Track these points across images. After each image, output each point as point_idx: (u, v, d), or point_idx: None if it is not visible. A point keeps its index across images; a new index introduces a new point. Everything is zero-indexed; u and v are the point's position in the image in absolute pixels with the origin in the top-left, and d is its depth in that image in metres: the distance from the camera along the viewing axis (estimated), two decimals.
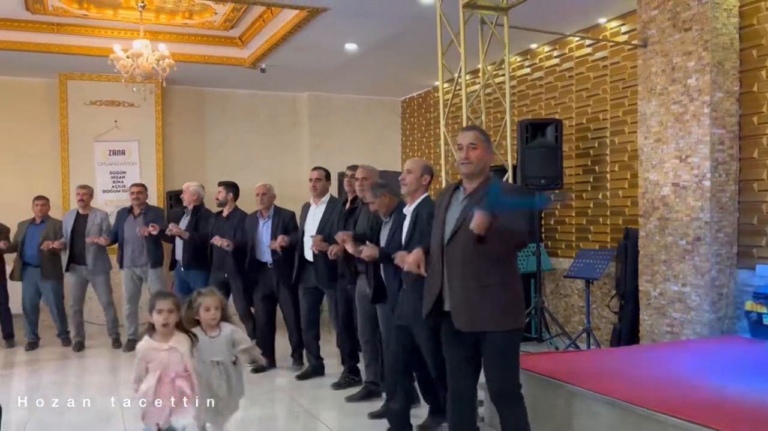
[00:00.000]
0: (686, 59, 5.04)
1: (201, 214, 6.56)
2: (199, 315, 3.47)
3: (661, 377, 3.65)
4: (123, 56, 6.29)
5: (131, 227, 6.89)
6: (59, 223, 7.20)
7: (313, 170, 5.74)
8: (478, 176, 3.18)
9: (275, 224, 5.89)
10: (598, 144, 6.49)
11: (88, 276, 7.06)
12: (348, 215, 5.17)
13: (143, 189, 7.08)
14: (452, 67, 5.10)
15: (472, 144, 3.16)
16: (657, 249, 5.26)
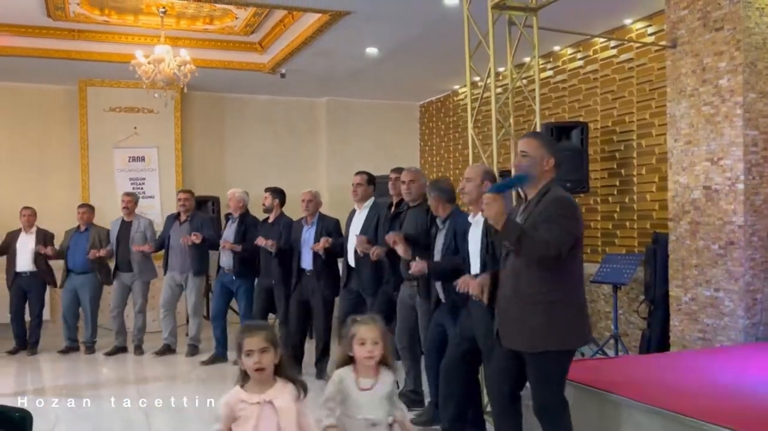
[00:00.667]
0: (717, 60, 4.93)
1: (248, 222, 6.53)
2: (353, 350, 2.71)
3: (702, 385, 3.55)
4: (144, 62, 6.28)
5: (177, 233, 6.85)
6: (104, 231, 7.23)
7: (355, 174, 5.67)
8: (536, 184, 3.08)
9: (318, 230, 5.83)
10: (625, 147, 6.39)
11: (129, 282, 7.07)
12: (393, 218, 5.09)
13: (190, 196, 7.01)
14: (475, 69, 5.02)
15: (523, 152, 3.10)
16: (688, 254, 5.15)
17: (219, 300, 6.65)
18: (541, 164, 3.07)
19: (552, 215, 2.95)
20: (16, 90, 8.55)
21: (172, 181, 8.77)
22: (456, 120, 9.25)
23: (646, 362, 4.69)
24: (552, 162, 3.09)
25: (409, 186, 4.79)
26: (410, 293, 4.71)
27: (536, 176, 3.05)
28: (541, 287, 2.96)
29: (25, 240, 7.22)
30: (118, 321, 7.10)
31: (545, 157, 3.09)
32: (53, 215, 7.64)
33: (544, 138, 3.22)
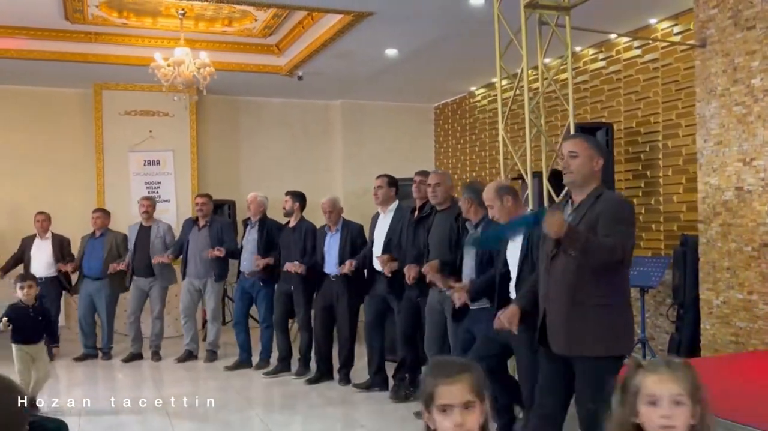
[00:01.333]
0: (749, 59, 4.85)
1: (269, 226, 6.45)
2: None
3: (740, 389, 3.47)
4: (164, 64, 6.23)
5: (195, 238, 6.78)
6: (121, 235, 7.17)
7: (377, 178, 5.57)
8: (584, 186, 2.98)
9: (344, 237, 5.75)
10: (650, 148, 6.32)
11: (146, 287, 6.99)
12: (417, 223, 4.98)
13: (208, 200, 6.91)
14: (505, 69, 4.95)
15: (572, 153, 2.98)
16: (719, 256, 5.06)
17: (240, 305, 6.58)
18: (590, 164, 2.97)
19: (613, 219, 2.84)
20: (32, 93, 8.50)
21: (188, 185, 8.72)
22: (472, 122, 9.18)
23: None
24: (601, 163, 2.99)
25: (435, 189, 4.70)
26: (439, 299, 4.60)
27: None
28: (596, 292, 2.85)
29: (40, 246, 7.18)
30: (135, 327, 7.03)
31: (594, 157, 2.98)
32: (68, 219, 7.59)
33: (591, 139, 3.13)
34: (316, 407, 5.26)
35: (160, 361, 6.87)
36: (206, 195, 7.03)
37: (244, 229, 6.74)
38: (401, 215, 5.28)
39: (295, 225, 6.20)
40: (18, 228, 7.93)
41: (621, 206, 2.94)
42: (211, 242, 6.69)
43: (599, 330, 2.86)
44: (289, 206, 6.21)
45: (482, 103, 8.93)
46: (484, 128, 8.91)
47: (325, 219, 5.88)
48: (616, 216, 2.86)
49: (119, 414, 5.00)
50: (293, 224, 6.21)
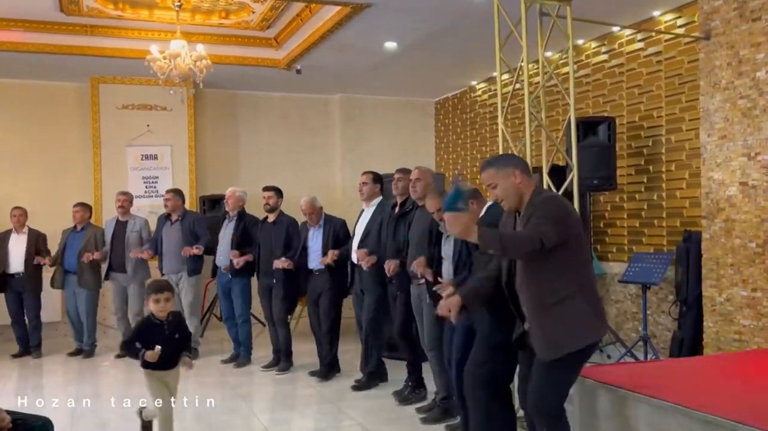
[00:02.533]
0: (755, 51, 4.75)
1: (247, 220, 6.43)
2: None
3: (745, 388, 3.39)
4: (160, 57, 6.14)
5: (168, 233, 6.75)
6: (100, 230, 7.13)
7: (362, 174, 5.68)
8: (522, 203, 3.00)
9: (326, 232, 5.79)
10: (653, 143, 6.22)
11: (125, 283, 6.95)
12: (398, 218, 5.02)
13: (172, 196, 6.85)
14: (505, 61, 4.86)
15: (490, 185, 3.03)
16: (723, 252, 4.97)
17: (225, 301, 6.54)
18: (511, 182, 2.98)
19: (533, 213, 2.89)
20: (27, 87, 8.41)
21: (186, 179, 8.63)
22: (473, 117, 9.08)
23: (692, 365, 4.51)
24: (518, 173, 2.99)
25: (415, 184, 4.72)
26: (418, 293, 4.65)
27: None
28: (545, 290, 2.90)
29: (17, 241, 7.10)
30: (124, 323, 6.97)
31: (509, 174, 2.98)
32: (65, 214, 7.48)
33: (498, 160, 3.12)
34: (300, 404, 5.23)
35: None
36: (173, 190, 6.97)
37: (222, 222, 6.70)
38: (381, 210, 5.37)
39: (275, 220, 6.19)
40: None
41: (544, 200, 2.95)
42: (183, 236, 6.65)
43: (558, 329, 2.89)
44: (273, 201, 6.19)
45: (483, 97, 8.83)
46: (485, 123, 8.82)
47: (307, 219, 5.93)
48: (538, 209, 2.90)
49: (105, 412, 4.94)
50: (273, 219, 6.20)
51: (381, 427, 4.53)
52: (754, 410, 2.97)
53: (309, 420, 4.89)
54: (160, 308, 3.77)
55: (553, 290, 2.89)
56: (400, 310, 4.97)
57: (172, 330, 3.82)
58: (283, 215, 6.24)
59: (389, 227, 5.07)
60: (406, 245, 4.79)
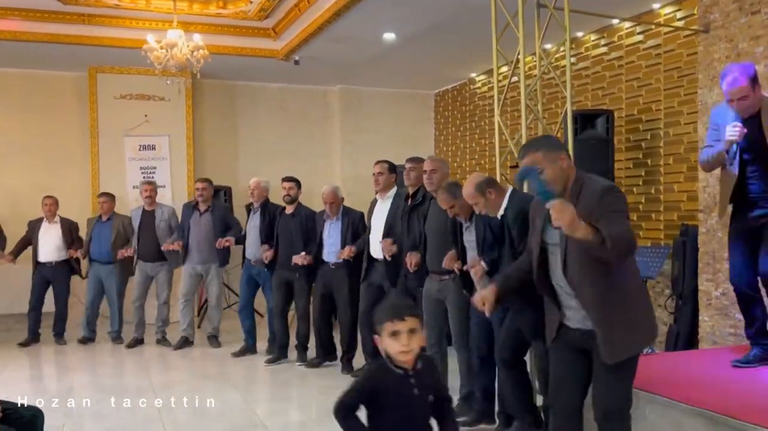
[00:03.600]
0: (754, 44, 4.72)
1: (270, 210, 6.33)
2: None
3: (747, 384, 3.39)
4: (156, 47, 6.12)
5: (197, 224, 6.69)
6: (127, 219, 7.14)
7: (376, 163, 5.44)
8: (560, 191, 2.69)
9: (345, 225, 5.68)
10: (651, 136, 6.19)
11: (152, 272, 6.95)
12: (411, 210, 4.83)
13: (208, 185, 6.80)
14: (502, 53, 4.83)
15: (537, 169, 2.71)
16: (719, 246, 4.95)
17: (246, 291, 6.47)
18: (558, 167, 2.69)
19: (608, 208, 2.57)
20: (25, 77, 8.39)
21: (184, 170, 8.62)
22: (473, 109, 9.05)
23: (683, 359, 4.52)
24: (565, 156, 2.73)
25: (431, 176, 4.54)
26: (438, 288, 4.45)
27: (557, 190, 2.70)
28: (612, 289, 2.63)
29: (48, 230, 7.13)
30: (140, 313, 6.99)
31: (557, 158, 2.70)
32: (63, 203, 7.47)
33: (542, 143, 2.82)
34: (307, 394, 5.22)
35: (168, 347, 6.82)
36: (206, 180, 6.90)
37: (247, 214, 6.63)
38: (399, 202, 5.16)
39: (293, 212, 6.09)
40: (12, 212, 7.88)
41: (610, 191, 2.65)
42: (215, 228, 6.62)
43: (638, 326, 2.70)
44: (294, 192, 6.09)
45: (482, 89, 8.80)
46: (484, 115, 8.79)
47: (326, 209, 5.79)
48: (612, 203, 2.60)
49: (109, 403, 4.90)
50: (291, 211, 6.10)
51: None
52: (746, 404, 2.98)
53: None
54: (404, 347, 2.22)
55: (621, 289, 2.65)
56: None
57: (423, 386, 2.28)
58: (301, 206, 6.14)
59: (402, 221, 4.89)
60: (421, 238, 4.64)
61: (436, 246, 4.38)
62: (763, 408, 2.92)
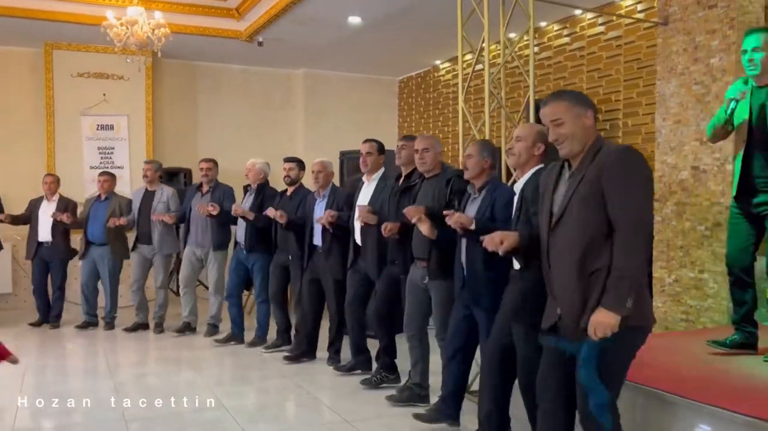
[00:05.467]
0: (710, 38, 4.84)
1: (266, 194, 6.10)
2: None
3: (690, 364, 3.51)
4: (116, 24, 5.98)
5: (198, 205, 6.41)
6: (126, 200, 6.92)
7: (364, 142, 5.08)
8: (578, 151, 2.52)
9: (330, 204, 5.35)
10: (610, 126, 6.31)
11: (149, 255, 6.74)
12: (402, 192, 4.52)
13: (212, 165, 6.51)
14: (467, 40, 4.85)
15: (555, 120, 2.53)
16: (673, 235, 5.09)
17: (234, 277, 6.25)
18: (583, 126, 2.51)
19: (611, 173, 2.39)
20: None
21: (143, 151, 8.46)
22: (436, 96, 9.09)
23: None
24: (591, 115, 2.53)
25: (423, 155, 4.23)
26: (422, 275, 4.20)
27: None
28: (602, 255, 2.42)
29: (46, 208, 6.94)
30: (139, 296, 6.81)
31: (582, 115, 2.51)
32: (17, 183, 7.31)
33: (570, 95, 2.60)
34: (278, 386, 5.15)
35: (162, 333, 6.67)
36: (211, 160, 6.59)
37: (244, 195, 6.38)
38: (385, 184, 4.90)
39: (293, 193, 5.85)
40: None
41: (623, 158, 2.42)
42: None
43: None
44: (294, 174, 5.85)
45: (446, 77, 8.84)
46: (448, 103, 8.84)
47: (312, 182, 5.52)
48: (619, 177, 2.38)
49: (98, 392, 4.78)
50: (290, 193, 5.87)
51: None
52: (696, 385, 3.08)
53: None
54: None
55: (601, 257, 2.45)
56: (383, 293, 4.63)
57: None
58: (302, 188, 5.87)
59: (391, 202, 4.59)
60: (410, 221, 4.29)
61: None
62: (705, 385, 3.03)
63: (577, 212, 2.47)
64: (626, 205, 2.38)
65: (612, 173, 2.40)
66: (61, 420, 4.21)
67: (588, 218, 2.44)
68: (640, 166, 2.44)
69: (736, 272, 3.68)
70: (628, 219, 2.38)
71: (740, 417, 2.68)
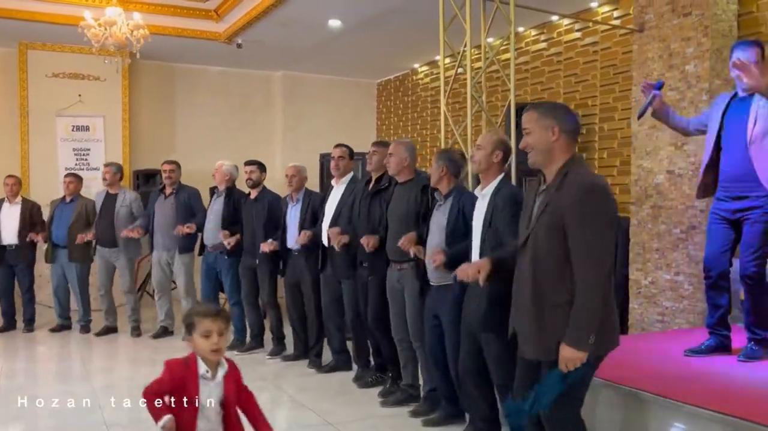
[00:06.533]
0: (685, 45, 4.96)
1: (236, 196, 6.08)
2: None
3: (666, 364, 3.58)
4: (94, 24, 5.92)
5: (161, 208, 6.38)
6: (91, 203, 6.79)
7: (336, 147, 5.15)
8: (549, 163, 2.56)
9: (304, 207, 5.39)
10: (587, 131, 6.41)
11: (112, 258, 6.64)
12: (373, 195, 4.59)
13: (175, 167, 6.44)
14: (449, 44, 4.91)
15: (525, 129, 2.60)
16: (649, 237, 5.20)
17: (207, 281, 6.21)
18: (547, 140, 2.55)
19: (583, 217, 2.41)
20: None
21: (119, 152, 8.37)
22: (415, 99, 9.14)
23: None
24: (558, 131, 2.54)
25: (388, 159, 4.32)
26: (398, 277, 4.26)
27: None
28: (566, 286, 2.46)
29: (9, 211, 6.78)
30: (107, 300, 6.71)
31: (547, 128, 2.55)
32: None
33: (543, 107, 2.66)
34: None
35: (139, 336, 6.60)
36: (174, 162, 6.54)
37: (210, 198, 6.35)
38: (354, 187, 4.96)
39: (257, 196, 5.85)
40: None
41: (590, 192, 2.44)
42: (177, 212, 6.29)
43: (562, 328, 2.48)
44: (256, 176, 5.85)
45: (425, 80, 8.90)
46: (426, 106, 8.89)
47: (286, 186, 5.55)
48: (584, 213, 2.41)
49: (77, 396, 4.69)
50: (255, 196, 5.87)
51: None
52: (672, 384, 3.15)
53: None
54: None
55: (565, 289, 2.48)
56: (375, 297, 4.52)
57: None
58: (266, 191, 5.89)
59: (362, 205, 4.65)
60: (381, 225, 4.44)
61: (397, 234, 4.12)
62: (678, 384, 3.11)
63: (542, 239, 2.52)
64: (584, 244, 2.42)
65: (574, 212, 2.43)
66: (40, 423, 4.16)
67: (551, 249, 2.49)
68: (601, 204, 2.45)
69: (713, 276, 3.74)
70: (586, 258, 2.42)
71: (715, 415, 2.75)
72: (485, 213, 3.34)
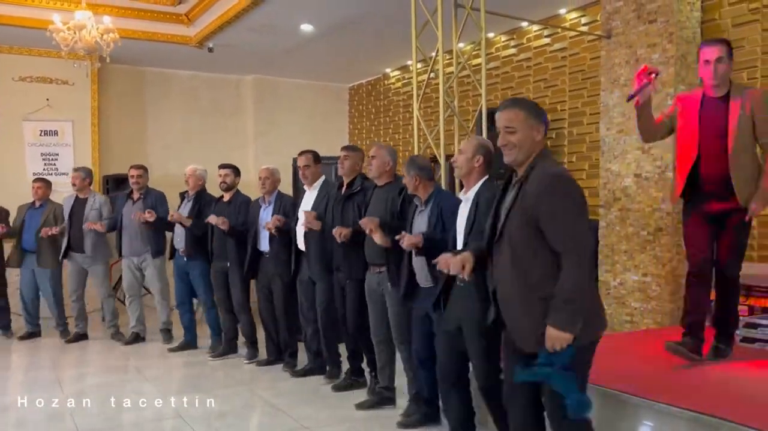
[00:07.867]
0: (650, 51, 5.08)
1: (204, 200, 6.08)
2: None
3: (635, 363, 3.67)
4: (63, 28, 5.85)
5: (130, 213, 6.33)
6: (60, 207, 6.71)
7: (300, 155, 5.17)
8: (526, 161, 2.56)
9: (276, 210, 5.40)
10: (556, 135, 6.52)
11: (85, 264, 6.57)
12: (346, 199, 4.62)
13: (142, 172, 6.43)
14: (421, 49, 4.96)
15: (508, 128, 2.55)
16: (617, 239, 5.31)
17: (181, 284, 6.18)
18: (532, 140, 2.55)
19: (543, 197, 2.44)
20: None
21: (88, 157, 8.27)
22: (387, 104, 9.19)
23: None
24: (542, 130, 2.58)
25: (370, 161, 4.40)
26: (378, 281, 4.31)
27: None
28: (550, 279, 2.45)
29: None
30: (78, 305, 6.65)
31: (534, 128, 2.56)
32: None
33: (529, 105, 2.63)
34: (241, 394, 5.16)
35: (120, 341, 6.56)
36: (141, 166, 6.52)
37: (181, 202, 6.33)
38: (327, 191, 5.00)
39: (230, 199, 5.85)
40: None
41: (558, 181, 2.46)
42: None
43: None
44: (230, 179, 5.85)
45: (396, 85, 8.96)
46: (398, 110, 8.95)
47: (259, 188, 5.54)
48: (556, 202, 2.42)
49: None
50: (228, 199, 5.86)
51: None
52: (641, 383, 3.23)
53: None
54: None
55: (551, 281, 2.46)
56: (353, 301, 4.56)
57: None
58: (239, 194, 5.88)
59: (335, 209, 4.70)
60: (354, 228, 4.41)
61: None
62: (650, 383, 3.19)
63: (516, 232, 2.52)
64: (559, 228, 2.43)
65: (543, 202, 2.44)
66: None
67: (527, 241, 2.49)
68: (569, 189, 2.47)
69: (699, 276, 3.68)
70: (567, 244, 2.42)
71: (685, 412, 2.83)
72: (467, 217, 3.36)
